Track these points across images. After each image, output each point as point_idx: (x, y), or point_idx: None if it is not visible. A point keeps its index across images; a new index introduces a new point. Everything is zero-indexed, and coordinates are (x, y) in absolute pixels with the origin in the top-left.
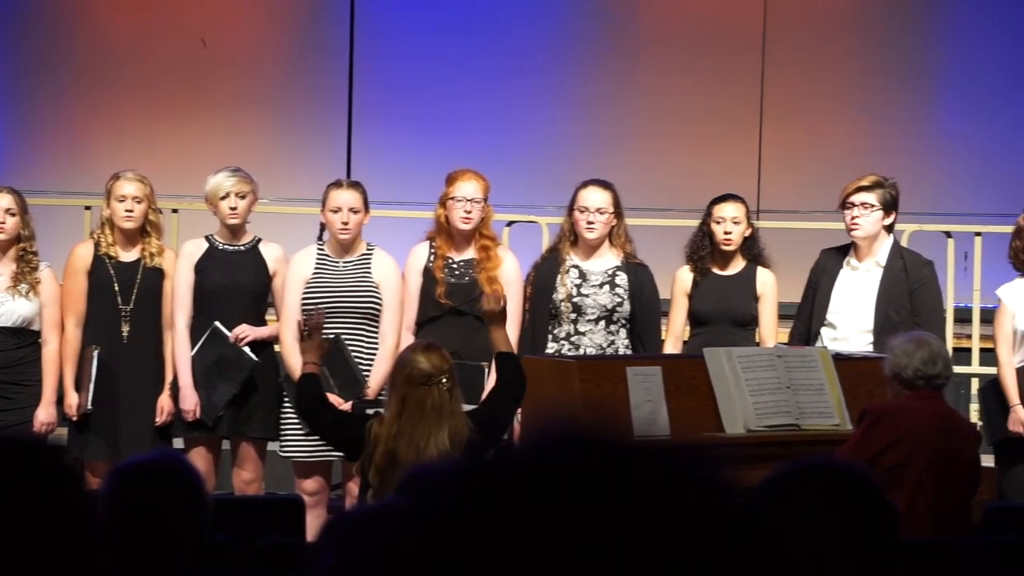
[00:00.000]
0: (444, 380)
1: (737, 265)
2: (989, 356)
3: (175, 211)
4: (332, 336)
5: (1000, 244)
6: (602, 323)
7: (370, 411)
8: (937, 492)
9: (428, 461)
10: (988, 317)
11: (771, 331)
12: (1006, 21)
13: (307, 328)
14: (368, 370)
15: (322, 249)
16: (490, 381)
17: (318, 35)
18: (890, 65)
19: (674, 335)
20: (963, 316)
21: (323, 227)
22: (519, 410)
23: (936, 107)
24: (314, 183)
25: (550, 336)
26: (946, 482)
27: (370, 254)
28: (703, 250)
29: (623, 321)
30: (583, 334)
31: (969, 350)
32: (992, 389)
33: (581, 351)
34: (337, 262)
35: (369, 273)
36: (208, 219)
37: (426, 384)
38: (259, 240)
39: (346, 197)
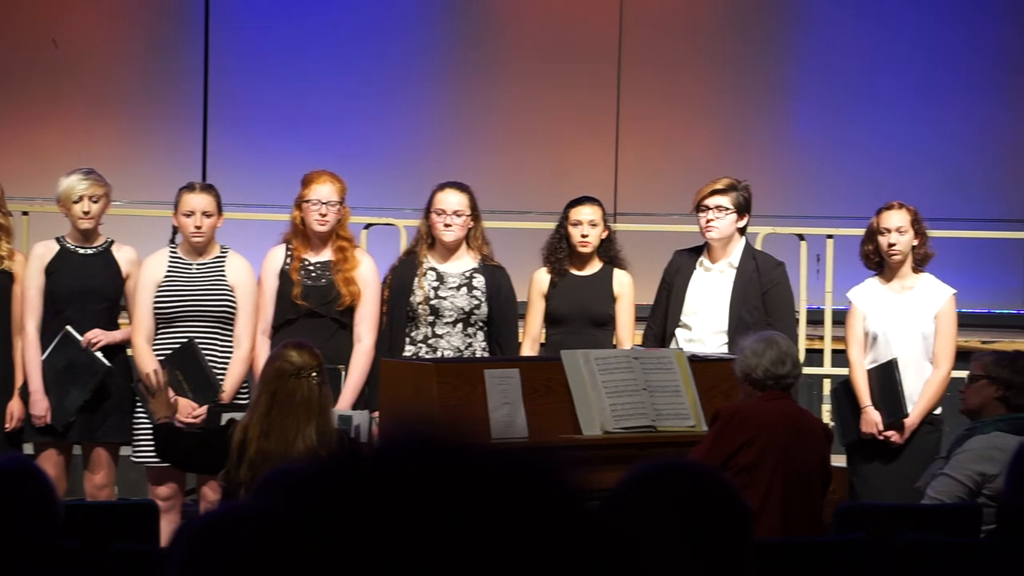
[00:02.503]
0: (314, 375)
1: (594, 267)
2: (841, 357)
3: (25, 213)
4: (186, 340)
5: (852, 247)
6: (459, 325)
7: (226, 415)
8: (788, 492)
9: (295, 456)
10: (840, 319)
11: (628, 332)
12: (856, 28)
13: (152, 388)
14: (223, 374)
15: (175, 252)
16: (348, 383)
17: (172, 36)
18: (743, 71)
19: (531, 337)
20: (815, 318)
21: (176, 230)
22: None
23: (789, 112)
24: (168, 185)
25: (407, 339)
26: (797, 482)
27: (224, 257)
28: (560, 252)
29: (480, 323)
30: (440, 337)
31: (821, 351)
32: (844, 390)
33: (439, 354)
34: (191, 265)
35: (223, 276)
36: (60, 221)
37: (296, 376)
38: (111, 242)
39: (199, 200)
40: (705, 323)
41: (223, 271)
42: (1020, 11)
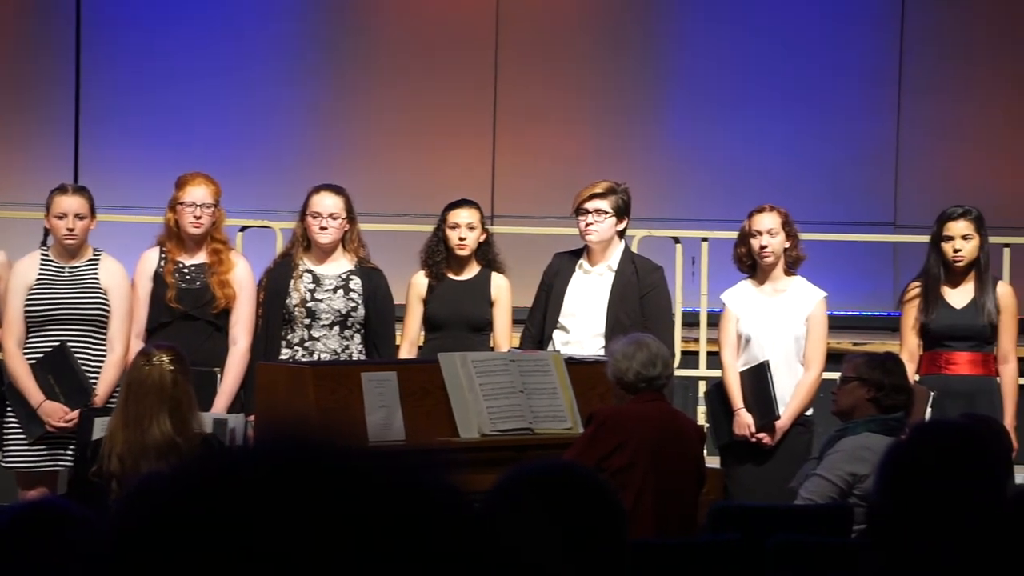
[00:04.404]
0: (166, 359)
1: (472, 270)
2: (716, 359)
3: None
4: (58, 343)
5: (726, 249)
6: (336, 328)
7: (98, 419)
8: (662, 493)
9: (151, 446)
10: (715, 321)
11: (505, 336)
12: (731, 32)
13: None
14: (96, 378)
15: (47, 255)
16: (223, 387)
17: (43, 36)
18: (620, 73)
19: (410, 341)
20: (691, 320)
21: (47, 232)
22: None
23: (664, 115)
24: (39, 187)
25: (283, 342)
26: (671, 482)
27: (97, 259)
28: (438, 255)
29: (357, 326)
30: (317, 339)
31: (697, 353)
32: (717, 392)
33: (315, 357)
34: (63, 267)
35: (96, 279)
36: None
37: (147, 363)
38: None
39: (71, 202)
40: (583, 326)
41: (96, 274)
42: (889, 19)
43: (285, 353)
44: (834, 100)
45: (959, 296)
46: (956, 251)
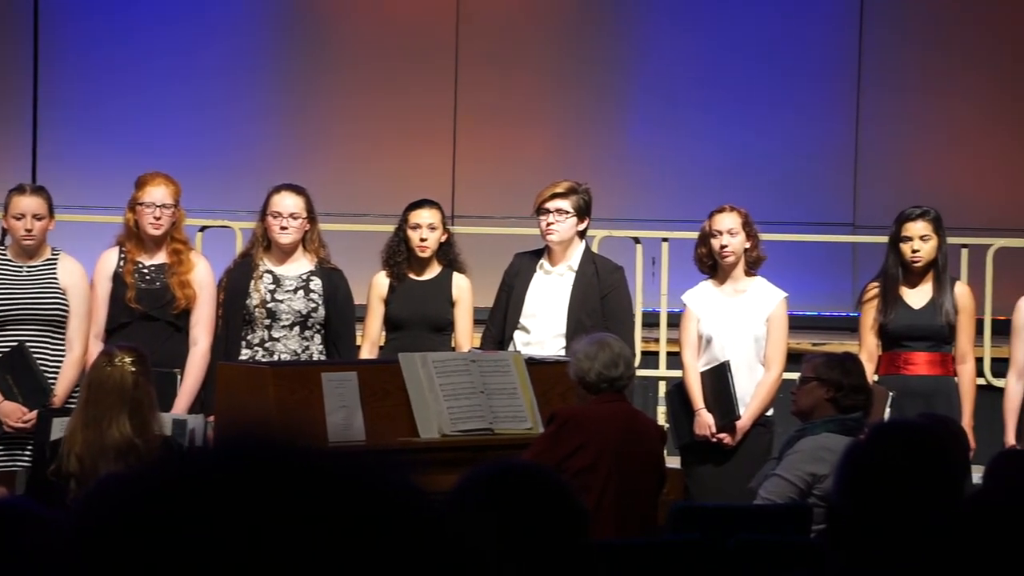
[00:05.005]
0: (128, 360)
1: (433, 270)
2: (677, 359)
3: None
4: (16, 343)
5: (687, 250)
6: (296, 329)
7: (56, 420)
8: (623, 493)
9: (110, 446)
10: (675, 321)
11: (466, 336)
12: (690, 33)
13: None
14: (54, 378)
15: (4, 255)
16: (183, 387)
17: (0, 34)
18: (581, 74)
19: (370, 341)
20: (651, 320)
21: (5, 232)
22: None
23: (625, 116)
24: None
25: (244, 342)
26: (632, 483)
27: (55, 259)
28: (399, 256)
29: (318, 327)
30: (277, 340)
31: (657, 354)
32: (677, 393)
33: (275, 357)
34: (21, 267)
35: (55, 279)
36: None
37: (109, 364)
38: None
39: (29, 203)
40: (544, 326)
41: (55, 274)
42: (848, 22)
43: (245, 354)
44: (794, 101)
45: (917, 296)
46: (914, 252)
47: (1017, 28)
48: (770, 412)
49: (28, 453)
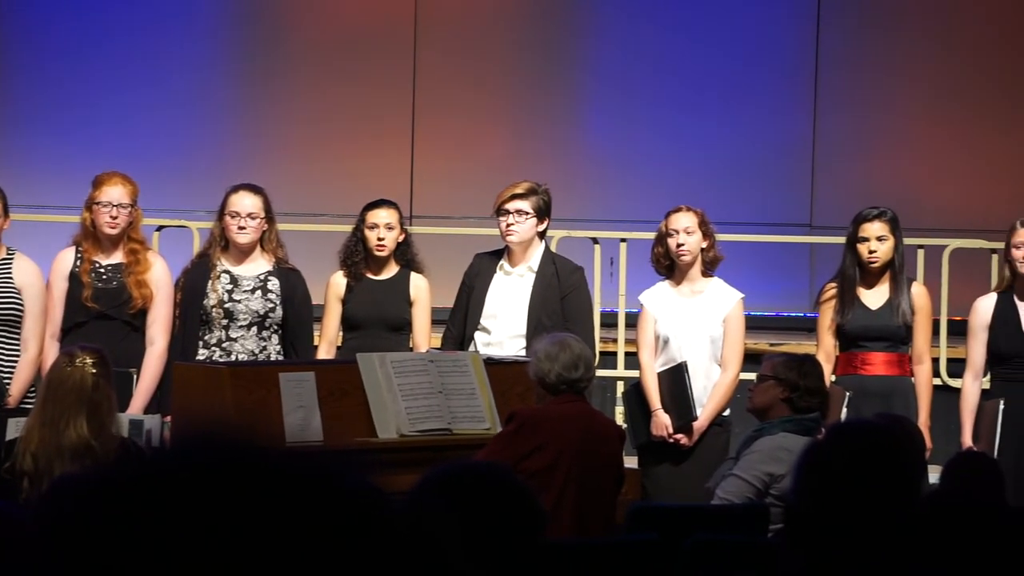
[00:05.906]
0: (89, 361)
1: (391, 271)
2: (634, 359)
3: None
4: None
5: (645, 250)
6: (254, 329)
7: (12, 420)
8: (582, 493)
9: (66, 447)
10: (633, 321)
11: (424, 336)
12: (649, 32)
13: None
14: (9, 378)
15: None
16: (140, 387)
17: None
18: (539, 74)
19: (328, 341)
20: (609, 320)
21: None
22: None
23: (582, 116)
24: None
25: (201, 342)
26: (590, 483)
27: (11, 259)
28: (356, 255)
29: (275, 327)
30: (235, 340)
31: (615, 354)
32: (635, 393)
33: (233, 357)
34: None
35: (10, 279)
36: None
37: (69, 364)
38: None
39: None
40: (504, 327)
41: (10, 274)
42: (807, 20)
43: (202, 354)
44: (751, 101)
45: (874, 297)
46: (871, 252)
47: (974, 28)
48: (727, 412)
49: None
